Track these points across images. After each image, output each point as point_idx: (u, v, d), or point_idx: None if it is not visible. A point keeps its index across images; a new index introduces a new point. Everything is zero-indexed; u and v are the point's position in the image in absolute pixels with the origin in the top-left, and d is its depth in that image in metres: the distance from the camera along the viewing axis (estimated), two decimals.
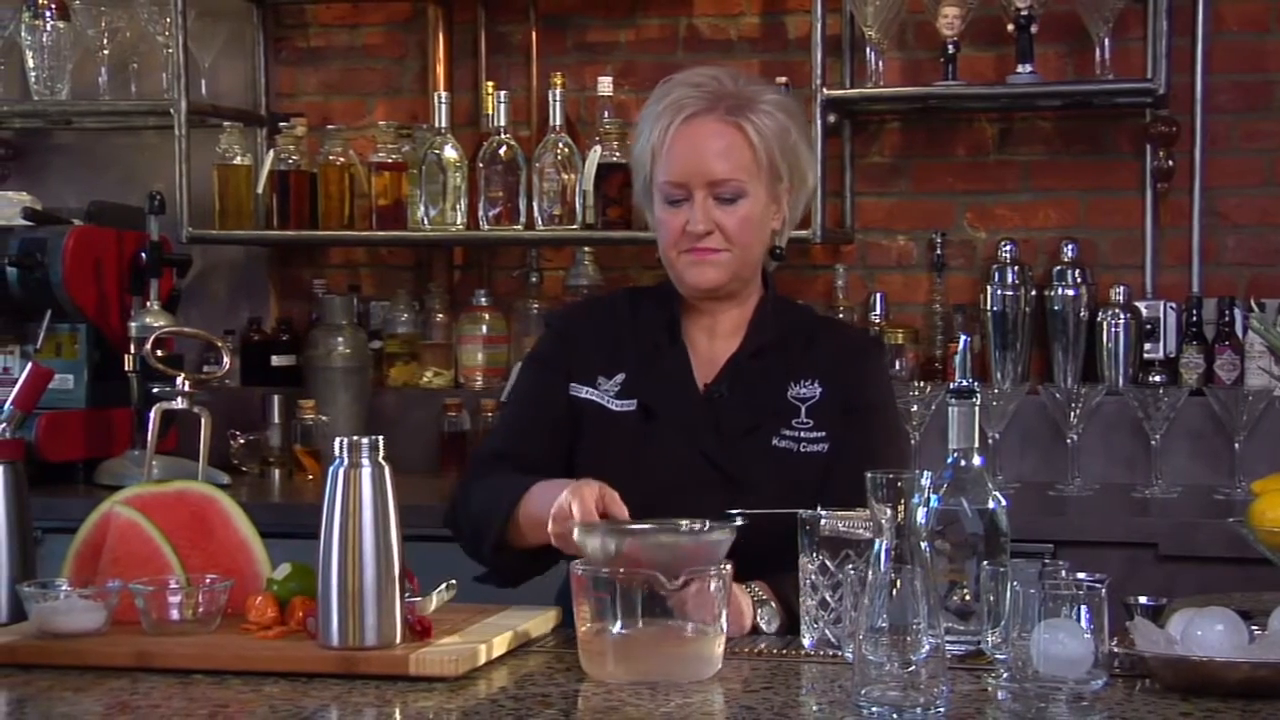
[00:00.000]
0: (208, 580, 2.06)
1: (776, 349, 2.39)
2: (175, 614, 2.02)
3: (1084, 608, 1.73)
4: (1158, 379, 3.65)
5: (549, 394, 2.41)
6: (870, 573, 1.75)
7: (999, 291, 3.73)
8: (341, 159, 3.93)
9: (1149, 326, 3.68)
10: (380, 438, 1.95)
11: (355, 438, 1.94)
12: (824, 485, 2.26)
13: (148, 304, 3.70)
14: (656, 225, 2.38)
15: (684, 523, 2.00)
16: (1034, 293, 3.75)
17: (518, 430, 2.43)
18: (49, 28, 3.98)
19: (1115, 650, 1.83)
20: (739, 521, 2.01)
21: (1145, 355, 3.69)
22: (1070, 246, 3.74)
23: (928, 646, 1.70)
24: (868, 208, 3.95)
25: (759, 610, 2.18)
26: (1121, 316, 3.69)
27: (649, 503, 2.12)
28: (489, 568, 2.35)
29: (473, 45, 4.11)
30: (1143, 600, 2.01)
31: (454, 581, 2.05)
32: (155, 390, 2.39)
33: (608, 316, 2.46)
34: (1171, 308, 3.69)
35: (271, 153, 3.93)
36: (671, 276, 2.39)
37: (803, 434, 2.34)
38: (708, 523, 2.00)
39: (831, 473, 2.31)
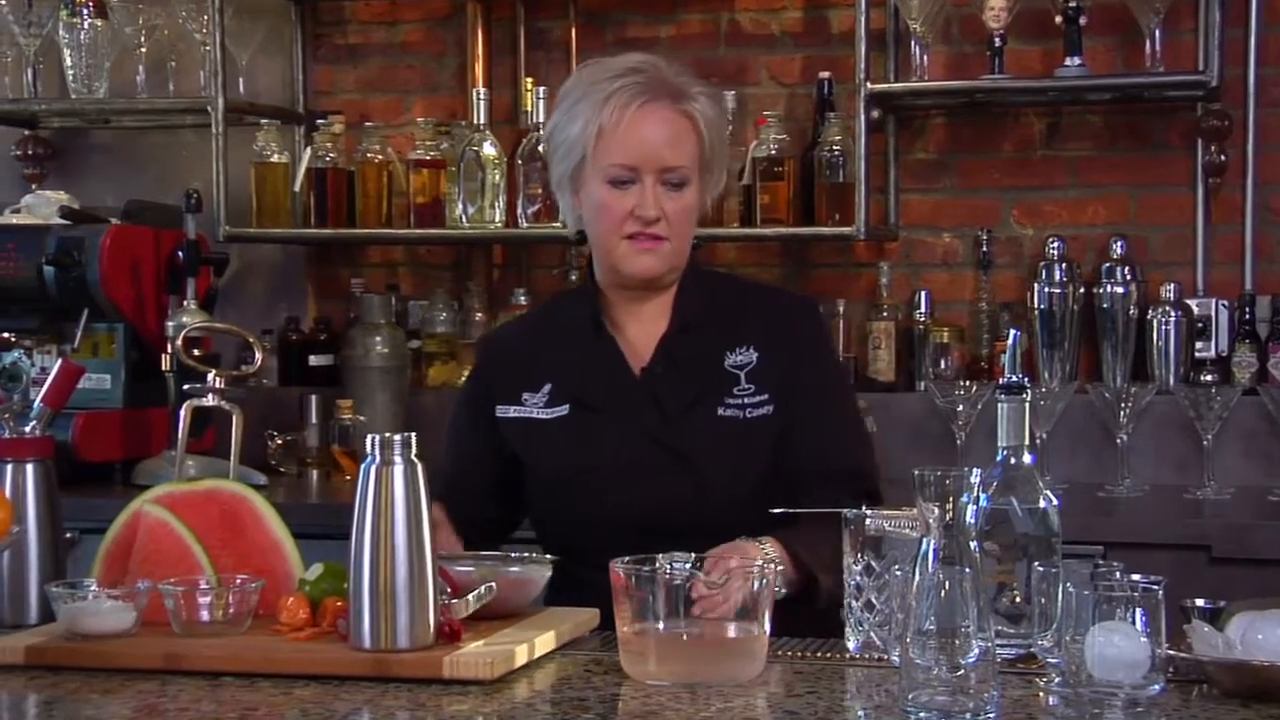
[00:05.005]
0: (238, 580, 2.02)
1: (707, 321, 2.38)
2: (205, 615, 1.98)
3: (1140, 610, 1.68)
4: (1209, 378, 3.58)
5: (477, 428, 2.44)
6: (918, 573, 1.69)
7: (1046, 289, 3.67)
8: (379, 156, 3.90)
9: (1200, 325, 3.62)
10: (413, 435, 1.91)
11: (387, 435, 1.90)
12: (782, 447, 2.31)
13: (185, 303, 3.66)
14: (594, 208, 2.35)
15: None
16: (1082, 290, 3.68)
17: (451, 477, 2.41)
18: (86, 26, 3.96)
19: (1172, 654, 1.76)
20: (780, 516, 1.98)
21: (1196, 354, 3.62)
22: (1119, 243, 3.67)
23: (977, 650, 1.64)
24: (912, 204, 3.89)
25: None
26: (1172, 314, 3.62)
27: (606, 497, 2.24)
28: None
29: (511, 42, 4.07)
30: (1199, 603, 1.94)
31: (493, 585, 2.01)
32: (185, 388, 2.35)
33: (524, 335, 2.52)
34: (1223, 305, 3.63)
35: (309, 150, 3.90)
36: (602, 264, 2.38)
37: (746, 400, 2.33)
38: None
39: (792, 433, 2.32)
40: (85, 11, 3.95)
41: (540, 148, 2.32)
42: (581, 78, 2.37)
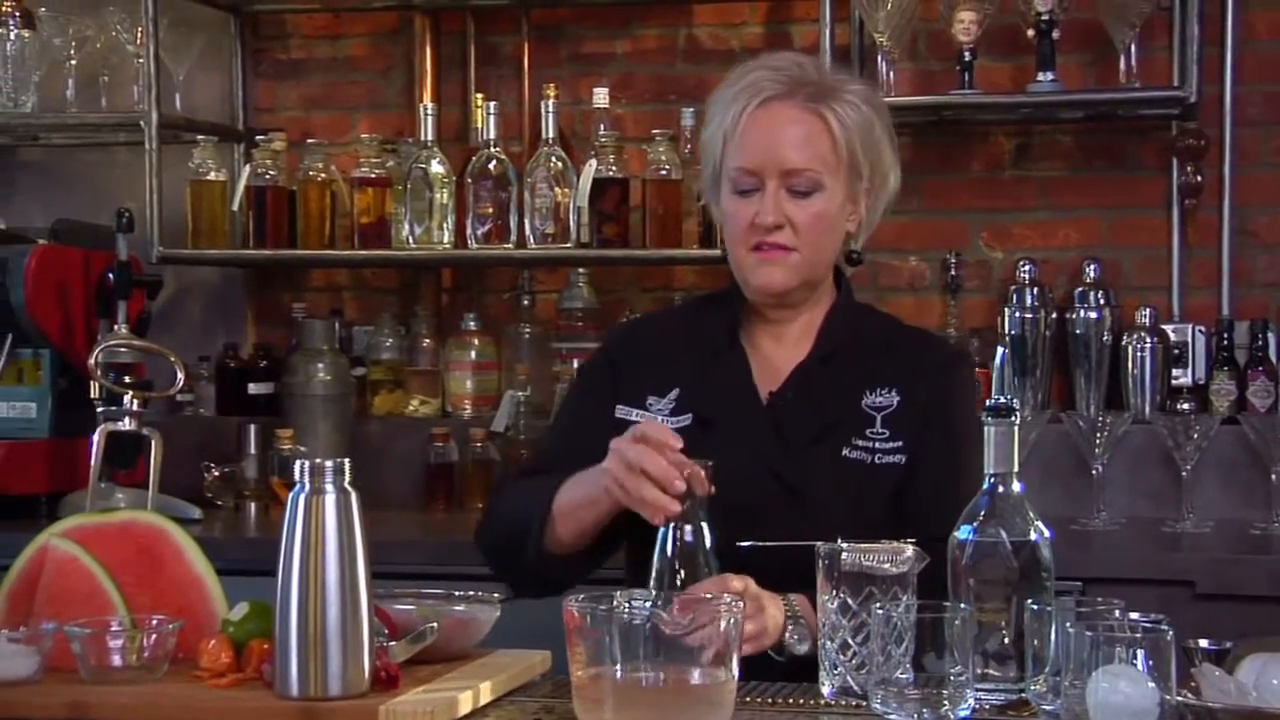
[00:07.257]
0: (154, 621, 1.85)
1: (850, 356, 2.23)
2: (117, 659, 1.81)
3: (1143, 652, 1.53)
4: (1186, 406, 3.45)
5: (593, 413, 2.26)
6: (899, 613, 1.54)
7: (1017, 314, 3.54)
8: (322, 175, 3.73)
9: (1176, 351, 3.50)
10: (346, 460, 1.76)
11: (318, 460, 1.75)
12: (900, 498, 2.14)
13: (115, 327, 3.48)
14: (724, 218, 2.23)
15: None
16: (1054, 315, 3.55)
17: (560, 449, 2.26)
18: (13, 37, 3.78)
19: (1182, 701, 1.61)
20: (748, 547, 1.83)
21: (1173, 381, 3.50)
22: (1092, 267, 3.55)
23: (971, 700, 1.49)
24: (878, 227, 3.73)
25: (789, 627, 1.98)
26: (1147, 340, 3.49)
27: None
28: (526, 575, 2.21)
29: (461, 57, 3.92)
30: (1204, 644, 1.79)
31: (435, 625, 1.85)
32: (100, 410, 2.18)
33: (662, 332, 2.34)
34: (1200, 331, 3.51)
35: (248, 168, 3.74)
36: (738, 277, 2.24)
37: (877, 444, 2.17)
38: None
39: (911, 484, 2.16)
40: (11, 22, 3.77)
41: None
42: (727, 78, 2.25)
